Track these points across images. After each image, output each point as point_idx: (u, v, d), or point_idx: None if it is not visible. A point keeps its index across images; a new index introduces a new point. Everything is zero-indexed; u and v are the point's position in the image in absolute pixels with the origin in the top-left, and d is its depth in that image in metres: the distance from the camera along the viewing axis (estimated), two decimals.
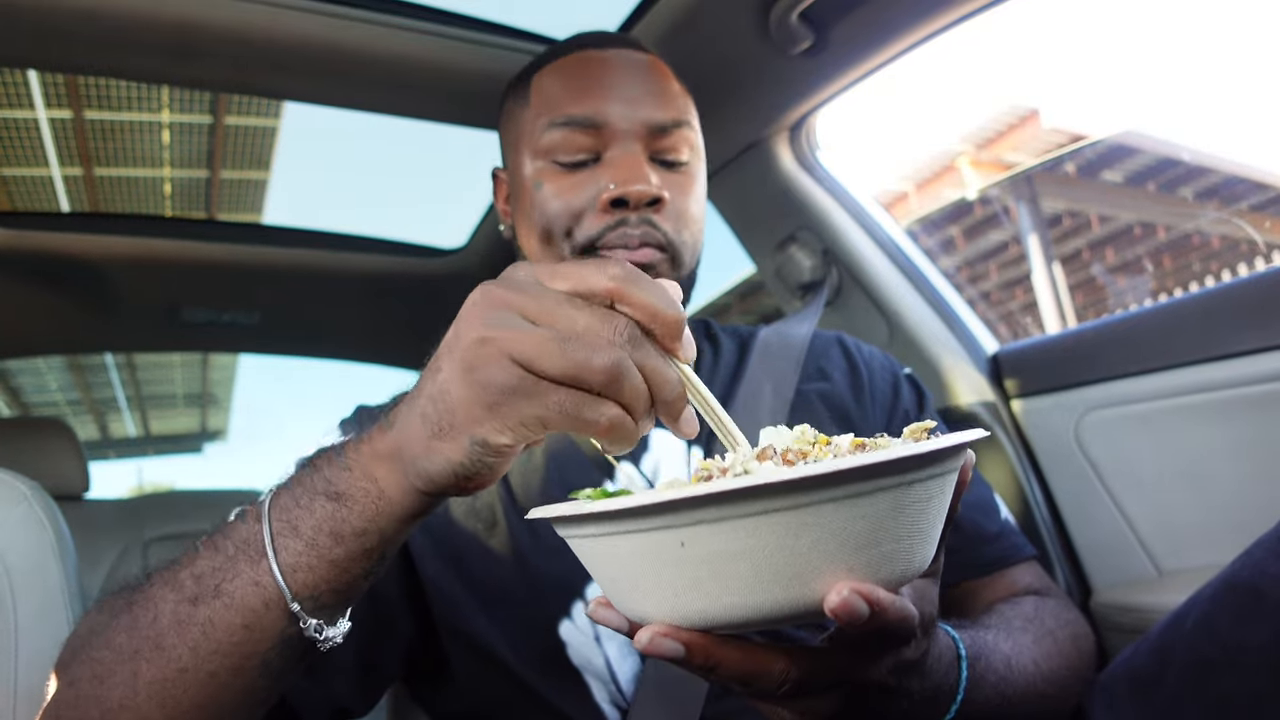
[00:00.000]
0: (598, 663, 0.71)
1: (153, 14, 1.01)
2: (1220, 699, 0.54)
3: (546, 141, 0.82)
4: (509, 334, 0.41)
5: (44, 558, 0.74)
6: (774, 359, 0.89)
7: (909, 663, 0.46)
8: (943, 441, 0.38)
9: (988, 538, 0.83)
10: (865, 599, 0.37)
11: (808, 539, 0.37)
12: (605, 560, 0.43)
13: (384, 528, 0.48)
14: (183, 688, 0.48)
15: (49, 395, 5.67)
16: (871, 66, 1.16)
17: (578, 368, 0.40)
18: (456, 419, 0.43)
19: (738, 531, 0.37)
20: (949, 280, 1.36)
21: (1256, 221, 3.42)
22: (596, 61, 0.85)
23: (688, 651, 0.40)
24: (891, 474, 0.37)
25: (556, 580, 0.73)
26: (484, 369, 0.42)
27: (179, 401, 6.25)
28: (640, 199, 0.78)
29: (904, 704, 0.48)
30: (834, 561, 0.38)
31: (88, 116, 2.67)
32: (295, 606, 0.48)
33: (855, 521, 0.37)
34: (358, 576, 0.50)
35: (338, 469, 0.49)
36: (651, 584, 0.40)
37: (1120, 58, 6.96)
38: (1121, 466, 1.12)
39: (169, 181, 3.22)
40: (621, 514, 0.39)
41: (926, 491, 0.39)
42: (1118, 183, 5.78)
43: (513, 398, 0.41)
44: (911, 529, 0.39)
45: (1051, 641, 0.73)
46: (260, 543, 0.48)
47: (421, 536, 0.75)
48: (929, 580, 0.48)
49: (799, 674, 0.42)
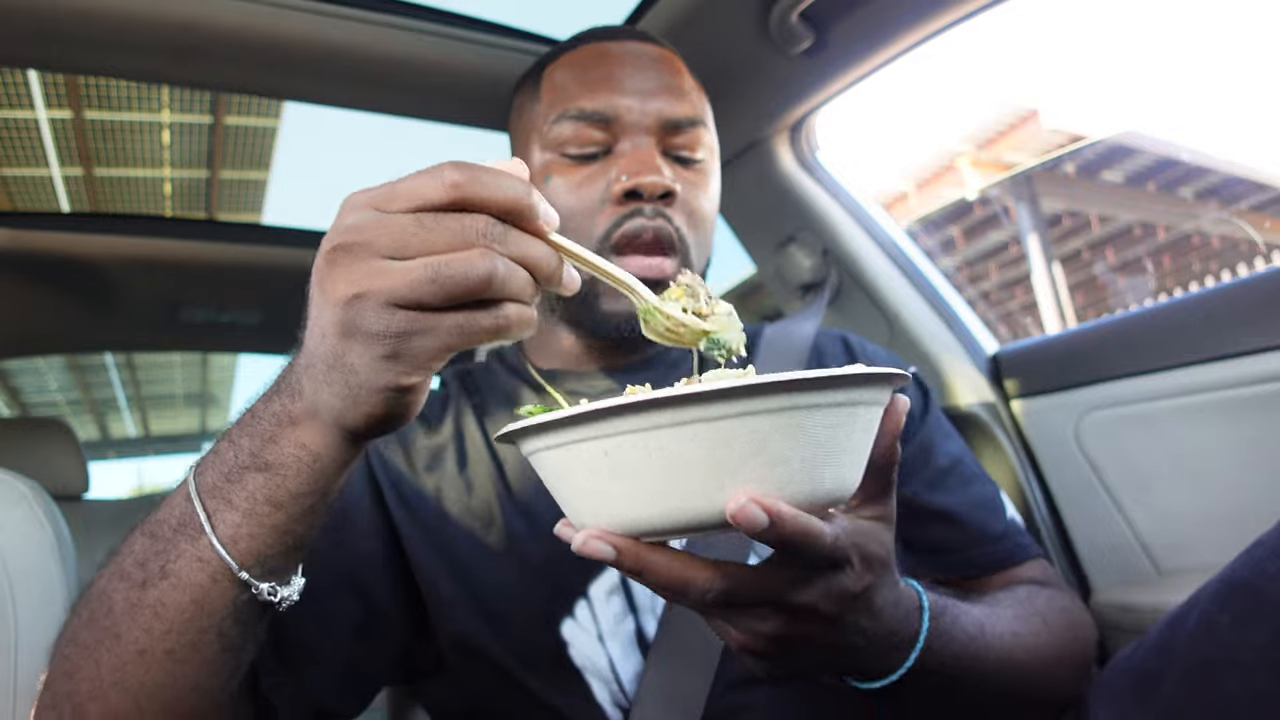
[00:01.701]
0: (600, 662, 0.70)
1: (153, 14, 1.01)
2: (1221, 698, 0.54)
3: (557, 134, 0.81)
4: (377, 282, 0.40)
5: (44, 558, 0.74)
6: (779, 356, 0.89)
7: (849, 594, 0.48)
8: (839, 370, 0.42)
9: (992, 537, 0.83)
10: (764, 509, 0.40)
11: (713, 452, 0.41)
12: (551, 474, 0.47)
13: (323, 486, 0.49)
14: (144, 669, 0.49)
15: (49, 395, 5.68)
16: (871, 66, 1.16)
17: (457, 287, 0.40)
18: (361, 377, 0.43)
19: (651, 443, 0.41)
20: (949, 280, 1.36)
21: (1256, 221, 3.42)
22: (609, 55, 0.84)
23: (617, 554, 0.44)
24: (787, 393, 0.40)
25: (558, 578, 0.72)
26: (368, 324, 0.41)
27: (179, 401, 6.25)
28: (653, 190, 0.77)
29: (855, 640, 0.51)
30: (737, 475, 0.41)
31: (88, 116, 2.67)
32: (244, 575, 0.48)
33: (757, 437, 0.41)
34: (303, 534, 0.50)
35: (260, 440, 0.48)
36: (586, 492, 0.45)
37: (1120, 58, 6.96)
38: (1121, 466, 1.12)
39: (169, 181, 3.22)
40: (553, 425, 0.43)
41: (832, 418, 0.42)
42: (1118, 183, 5.78)
43: (407, 340, 0.41)
44: (816, 451, 0.42)
45: (1039, 621, 0.72)
46: (197, 521, 0.48)
47: (418, 538, 0.74)
48: (877, 523, 0.51)
49: (723, 586, 0.45)
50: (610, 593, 0.72)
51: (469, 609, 0.72)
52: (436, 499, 0.76)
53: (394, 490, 0.75)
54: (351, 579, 0.70)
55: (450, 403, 0.84)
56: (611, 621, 0.71)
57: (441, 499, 0.76)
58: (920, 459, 0.83)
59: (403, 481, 0.76)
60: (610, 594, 0.72)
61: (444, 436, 0.80)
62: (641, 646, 0.71)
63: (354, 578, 0.70)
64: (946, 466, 0.84)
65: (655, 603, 0.71)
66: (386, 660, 0.73)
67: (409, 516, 0.74)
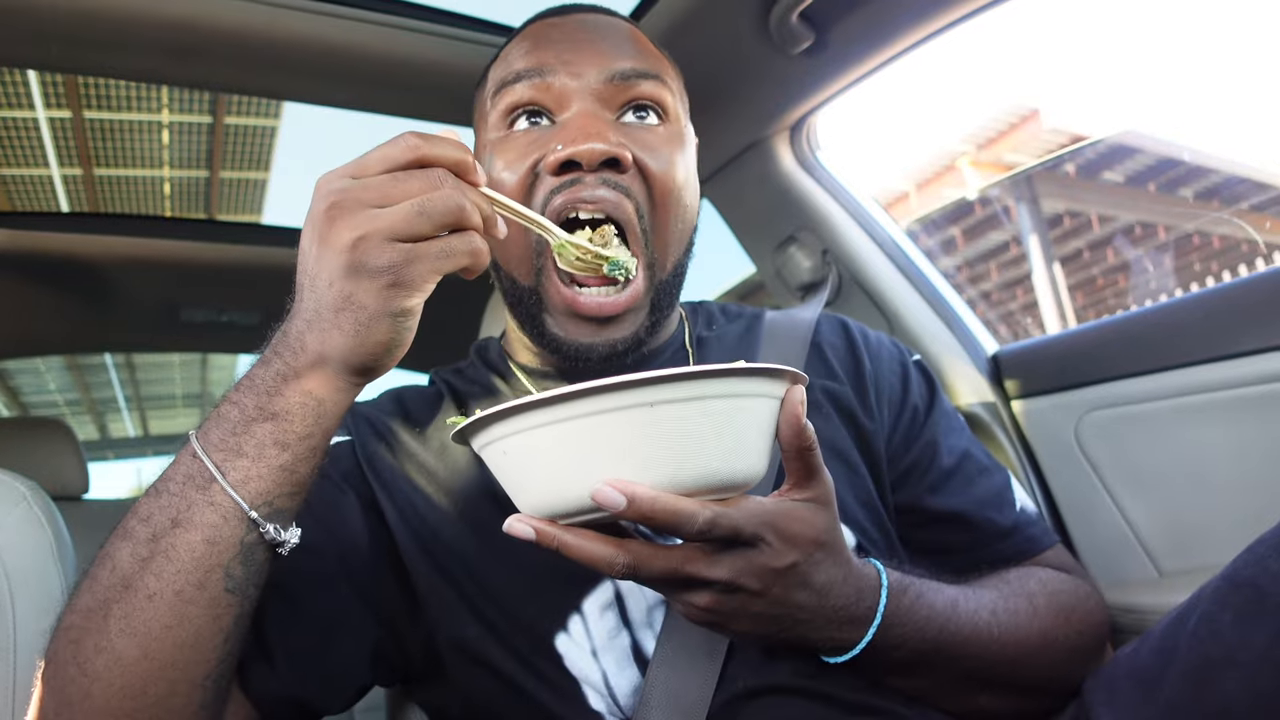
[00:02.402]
0: (594, 677, 0.69)
1: (153, 14, 1.01)
2: (1222, 697, 0.54)
3: (496, 108, 0.76)
4: (376, 223, 0.50)
5: (43, 558, 0.74)
6: (781, 340, 0.87)
7: (769, 569, 0.53)
8: (671, 370, 0.47)
9: (1002, 533, 0.81)
10: (620, 491, 0.47)
11: (575, 446, 0.49)
12: (493, 469, 0.55)
13: (325, 425, 0.56)
14: (151, 612, 0.52)
15: (49, 395, 5.67)
16: (871, 66, 1.16)
17: (442, 215, 0.52)
18: (371, 309, 0.51)
19: (530, 442, 0.50)
20: (949, 280, 1.36)
21: (1256, 221, 3.43)
22: (552, 24, 0.79)
23: (536, 535, 0.52)
24: (627, 390, 0.46)
25: (551, 591, 0.71)
26: (372, 259, 0.50)
27: (179, 401, 6.25)
28: (590, 158, 0.69)
29: (795, 613, 0.56)
30: (601, 466, 0.48)
31: (87, 116, 2.67)
32: (254, 514, 0.53)
33: (606, 432, 0.48)
34: (305, 475, 0.56)
35: (266, 395, 0.54)
36: (509, 483, 0.55)
37: (1120, 58, 6.96)
38: (1121, 466, 1.11)
39: (169, 181, 3.22)
40: (471, 428, 0.53)
41: (679, 411, 0.48)
42: (1118, 183, 5.78)
43: (406, 267, 0.51)
44: (672, 442, 0.48)
45: (1025, 602, 0.72)
46: (206, 472, 0.53)
47: (410, 540, 0.73)
48: (806, 504, 0.55)
49: (627, 560, 0.51)
50: (604, 608, 0.70)
51: (468, 613, 0.71)
52: (426, 500, 0.75)
53: (384, 491, 0.75)
54: (331, 577, 0.69)
55: (439, 402, 0.83)
56: (605, 637, 0.70)
57: (431, 500, 0.75)
58: (926, 459, 0.82)
59: (394, 481, 0.76)
60: (604, 609, 0.70)
61: (432, 437, 0.79)
62: (638, 661, 0.69)
63: (334, 576, 0.69)
64: (953, 466, 0.83)
65: (651, 618, 0.70)
66: (365, 658, 0.71)
67: (400, 518, 0.74)
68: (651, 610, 0.70)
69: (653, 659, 0.68)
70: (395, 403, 0.83)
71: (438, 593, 0.72)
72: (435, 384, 0.87)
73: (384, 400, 0.84)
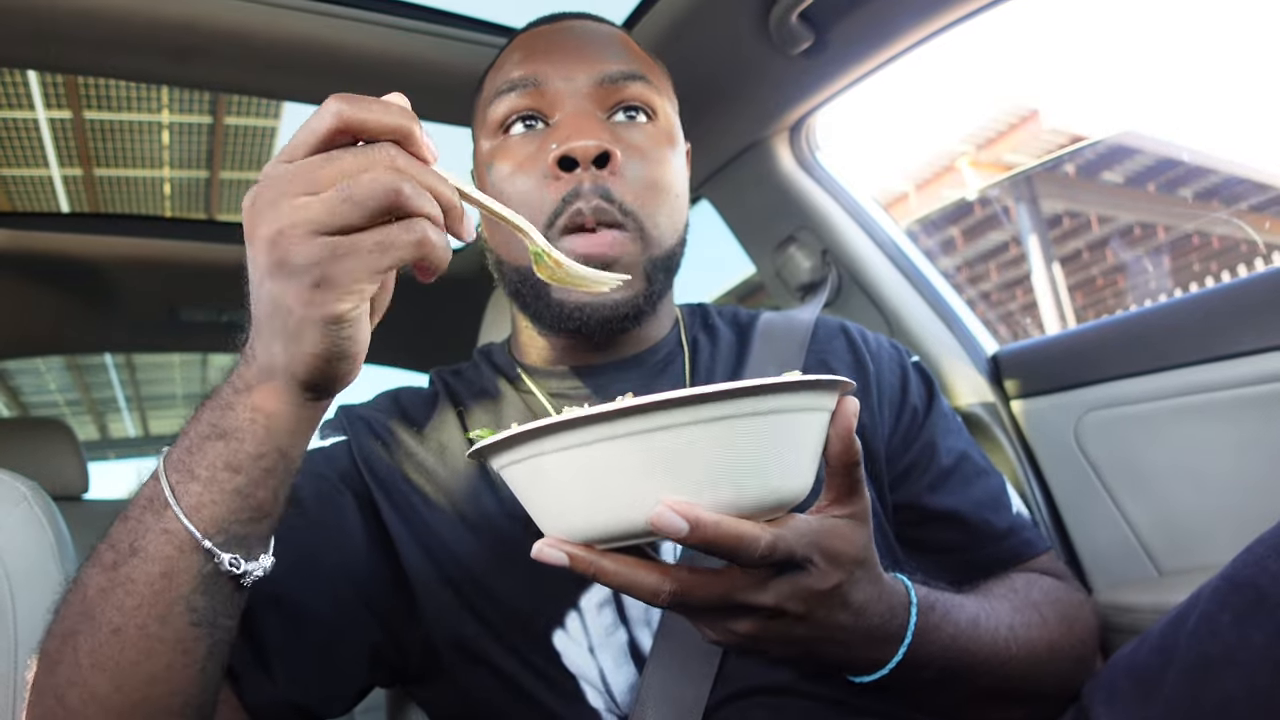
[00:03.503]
0: (591, 673, 0.69)
1: (153, 14, 1.01)
2: (1222, 697, 0.54)
3: (492, 115, 0.79)
4: (298, 214, 0.42)
5: (44, 558, 0.74)
6: (778, 341, 0.87)
7: (815, 592, 0.50)
8: (752, 382, 0.43)
9: (998, 535, 0.82)
10: (682, 515, 0.43)
11: (630, 465, 0.44)
12: (514, 488, 0.51)
13: (279, 445, 0.50)
14: (118, 648, 0.49)
15: (49, 395, 5.67)
16: (871, 66, 1.16)
17: (372, 200, 0.42)
18: (297, 314, 0.44)
19: (577, 460, 0.45)
20: (949, 280, 1.36)
21: (1256, 221, 3.43)
22: (545, 32, 0.83)
23: (571, 561, 0.47)
24: (691, 406, 0.43)
25: (549, 588, 0.71)
26: (294, 255, 0.43)
27: (179, 401, 6.24)
28: (585, 154, 0.72)
29: (837, 635, 0.53)
30: (657, 485, 0.44)
31: (87, 117, 2.67)
32: (207, 544, 0.48)
33: (666, 449, 0.43)
34: (264, 500, 0.50)
35: (219, 411, 0.50)
36: (541, 505, 0.49)
37: (1120, 58, 6.96)
38: (1121, 466, 1.11)
39: (168, 182, 3.22)
40: (499, 445, 0.47)
41: (742, 427, 0.44)
42: (1118, 183, 5.78)
43: (333, 264, 0.43)
44: (733, 459, 0.44)
45: (1034, 613, 0.72)
46: (162, 496, 0.49)
47: (409, 540, 0.73)
48: (847, 521, 0.52)
49: (673, 588, 0.47)
50: (601, 605, 0.71)
51: (466, 612, 0.71)
52: (424, 500, 0.75)
53: (381, 490, 0.74)
54: (327, 578, 0.69)
55: (437, 402, 0.83)
56: (602, 634, 0.70)
57: (429, 500, 0.75)
58: (925, 459, 0.82)
59: (391, 481, 0.75)
60: (601, 606, 0.71)
61: (430, 437, 0.79)
62: (635, 659, 0.70)
63: (330, 576, 0.69)
64: (950, 466, 0.83)
65: (649, 615, 0.70)
66: (363, 659, 0.72)
67: (399, 518, 0.73)
68: (649, 608, 0.70)
69: (649, 657, 0.68)
70: (392, 402, 0.83)
71: (435, 592, 0.72)
72: (434, 384, 0.87)
73: (381, 400, 0.84)
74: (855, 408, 0.50)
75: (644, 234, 0.76)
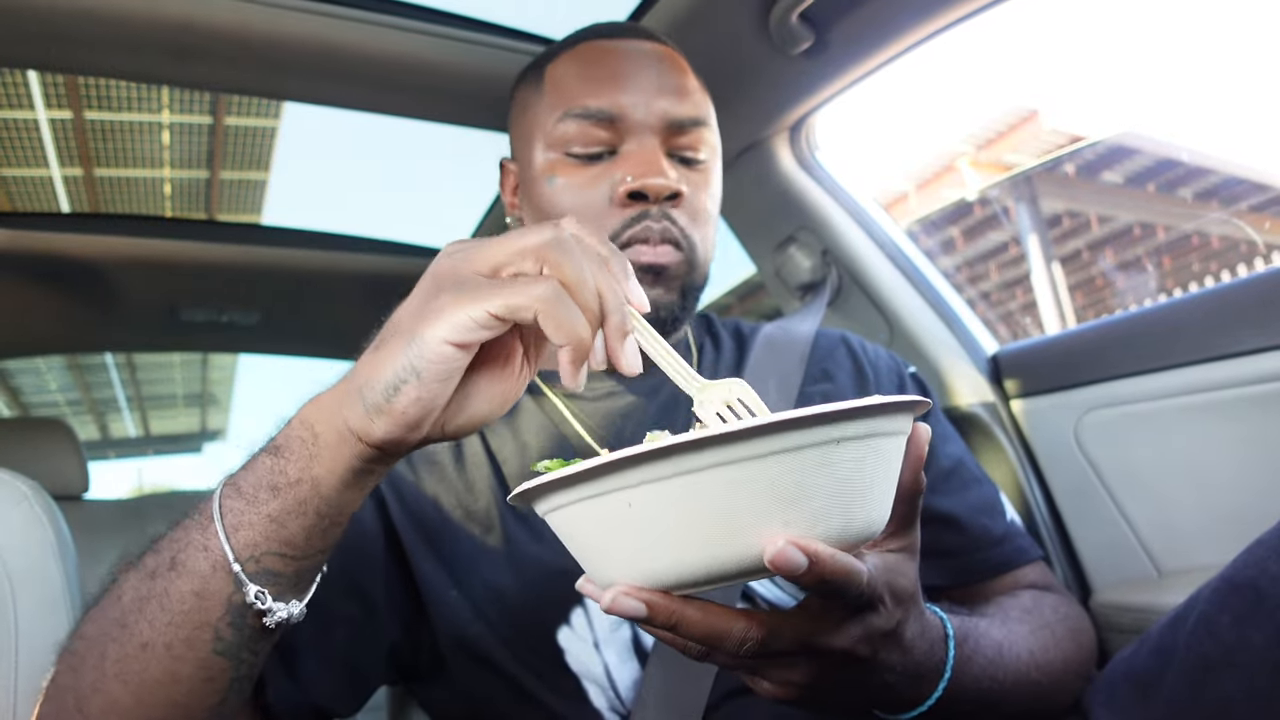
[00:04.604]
0: (596, 669, 0.70)
1: (153, 14, 1.01)
2: (1221, 698, 0.54)
3: (561, 133, 0.80)
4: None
5: (44, 558, 0.74)
6: (778, 355, 0.88)
7: (881, 633, 0.47)
8: (863, 402, 0.39)
9: (994, 540, 0.82)
10: (802, 551, 0.39)
11: (742, 495, 0.39)
12: (570, 530, 0.44)
13: (316, 475, 0.47)
14: (144, 663, 0.49)
15: (49, 395, 5.67)
16: (871, 66, 1.16)
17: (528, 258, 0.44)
18: (404, 325, 0.46)
19: (675, 490, 0.39)
20: (949, 280, 1.36)
21: (1256, 222, 3.43)
22: (613, 52, 0.83)
23: (649, 611, 0.41)
24: (811, 428, 0.38)
25: (554, 586, 0.72)
26: (442, 268, 0.46)
27: (179, 401, 6.25)
28: (659, 193, 0.77)
29: (886, 677, 0.49)
30: (769, 517, 0.39)
31: (88, 117, 2.67)
32: (236, 567, 0.47)
33: (785, 476, 0.39)
34: (293, 536, 0.48)
35: (282, 426, 0.50)
36: (610, 547, 0.42)
37: (1120, 58, 6.96)
38: (1121, 466, 1.11)
39: (169, 182, 3.22)
40: (570, 480, 0.40)
41: (857, 451, 0.40)
42: (1118, 183, 5.78)
43: (454, 281, 0.45)
44: (845, 487, 0.40)
45: (1049, 634, 0.73)
46: (210, 509, 0.49)
47: (417, 540, 0.74)
48: (902, 555, 0.49)
49: (760, 635, 0.43)
50: None
51: (470, 612, 0.72)
52: (435, 501, 0.75)
53: (393, 490, 0.75)
54: (350, 578, 0.69)
55: None
56: (607, 629, 0.71)
57: (440, 501, 0.75)
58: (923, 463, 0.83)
59: (402, 482, 0.76)
60: None
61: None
62: (638, 654, 0.70)
63: (352, 576, 0.70)
64: (948, 469, 0.84)
65: None
66: (381, 660, 0.73)
67: (408, 517, 0.74)
68: None
69: (651, 654, 0.69)
70: None
71: (440, 591, 0.72)
72: None
73: None
74: (929, 435, 0.48)
75: (692, 257, 0.80)
